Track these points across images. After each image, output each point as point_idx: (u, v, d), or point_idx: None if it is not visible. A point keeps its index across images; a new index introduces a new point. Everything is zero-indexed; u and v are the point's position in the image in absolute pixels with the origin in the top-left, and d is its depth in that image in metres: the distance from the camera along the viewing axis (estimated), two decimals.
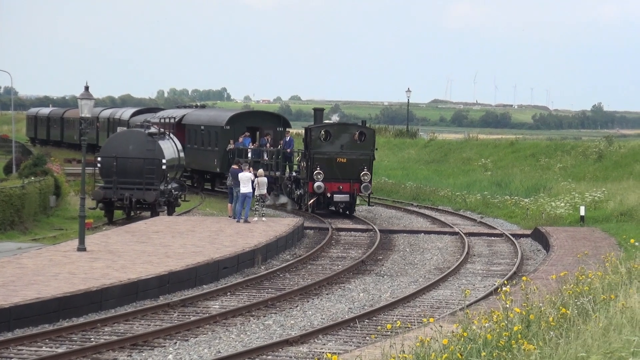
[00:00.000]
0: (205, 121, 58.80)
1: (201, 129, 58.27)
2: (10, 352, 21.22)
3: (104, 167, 45.97)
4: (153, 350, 21.85)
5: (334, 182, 47.62)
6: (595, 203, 48.92)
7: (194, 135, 59.14)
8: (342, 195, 47.75)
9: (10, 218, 44.11)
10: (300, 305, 27.75)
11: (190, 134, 59.47)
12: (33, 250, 34.53)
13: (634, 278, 17.15)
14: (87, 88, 33.42)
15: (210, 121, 58.15)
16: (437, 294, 30.07)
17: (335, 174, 47.65)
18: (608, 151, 66.08)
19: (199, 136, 58.47)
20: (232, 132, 55.09)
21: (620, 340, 11.24)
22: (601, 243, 37.25)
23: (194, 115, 61.66)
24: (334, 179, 47.62)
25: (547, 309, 15.66)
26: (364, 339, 23.13)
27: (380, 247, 39.13)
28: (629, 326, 12.03)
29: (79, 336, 22.95)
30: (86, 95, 33.38)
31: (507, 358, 12.45)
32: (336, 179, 47.62)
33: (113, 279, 27.43)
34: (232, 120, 56.37)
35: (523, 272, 33.04)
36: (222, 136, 55.30)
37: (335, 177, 47.63)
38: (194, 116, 61.32)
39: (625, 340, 11.12)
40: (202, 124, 58.61)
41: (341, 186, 47.61)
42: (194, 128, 59.33)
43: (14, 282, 26.52)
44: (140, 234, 37.75)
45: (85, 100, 33.39)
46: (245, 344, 22.64)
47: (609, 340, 11.29)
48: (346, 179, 47.64)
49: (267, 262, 35.09)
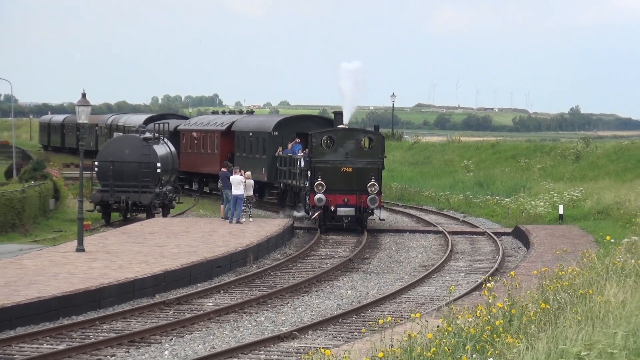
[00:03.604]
0: (253, 127, 53.59)
1: (249, 135, 53.08)
2: (12, 350, 21.19)
3: (101, 170, 45.98)
4: (150, 347, 21.82)
5: (338, 194, 40.96)
6: (573, 202, 48.99)
7: (242, 142, 54.06)
8: (347, 209, 41.16)
9: (12, 221, 44.07)
10: (290, 302, 27.74)
11: (239, 142, 54.53)
12: (33, 251, 34.49)
13: (611, 273, 17.17)
14: (84, 95, 33.40)
15: (258, 127, 52.83)
16: (422, 290, 30.07)
17: (340, 185, 41.16)
18: (585, 152, 66.20)
19: (247, 144, 53.25)
20: (280, 138, 49.75)
21: (601, 332, 11.25)
22: (579, 240, 37.30)
23: (243, 121, 56.54)
24: (338, 191, 41.00)
25: (528, 304, 15.68)
26: (352, 334, 23.14)
27: (367, 246, 39.12)
28: (607, 319, 12.05)
29: (79, 334, 22.92)
30: (83, 102, 33.37)
31: (490, 351, 12.45)
32: (341, 190, 41.04)
33: (111, 278, 27.40)
34: (280, 125, 50.82)
35: (504, 269, 33.08)
36: (270, 143, 49.87)
37: (339, 188, 41.08)
38: (242, 122, 56.17)
39: (605, 332, 11.14)
40: (251, 130, 53.39)
41: (346, 198, 41.02)
42: (243, 135, 54.10)
43: (15, 282, 26.47)
44: (137, 235, 37.71)
45: (83, 107, 33.39)
46: (239, 339, 22.63)
47: (589, 333, 11.31)
48: (352, 191, 41.09)
49: (259, 261, 35.08)
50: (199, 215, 49.37)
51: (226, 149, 55.03)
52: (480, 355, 11.79)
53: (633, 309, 12.23)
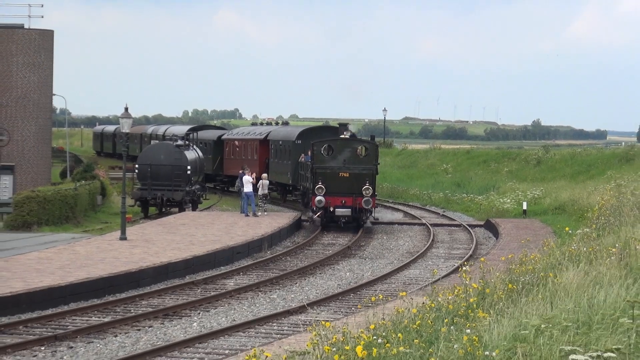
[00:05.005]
0: (282, 137, 52.28)
1: (279, 143, 51.98)
2: (66, 321, 21.22)
3: (141, 172, 46.12)
4: (181, 319, 21.84)
5: (337, 196, 39.59)
6: (534, 199, 48.95)
7: (275, 149, 52.78)
8: (344, 210, 39.72)
9: (66, 214, 44.09)
10: (299, 282, 27.75)
11: (273, 149, 53.19)
12: (84, 239, 34.51)
13: (567, 259, 17.16)
14: (127, 109, 33.47)
15: (286, 136, 51.65)
16: (408, 272, 30.07)
17: (338, 189, 39.73)
18: (545, 158, 66.14)
19: (278, 151, 52.08)
20: (302, 146, 47.61)
21: (557, 308, 11.25)
22: (540, 231, 37.28)
23: (276, 131, 54.92)
24: (336, 194, 39.63)
25: (497, 285, 15.68)
26: (350, 309, 23.14)
27: (363, 235, 39.09)
28: (563, 297, 12.05)
29: (121, 308, 22.94)
30: (126, 115, 33.50)
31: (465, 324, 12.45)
32: (339, 193, 39.64)
33: (148, 262, 27.43)
34: (302, 135, 49.23)
35: (477, 255, 33.06)
36: (294, 150, 48.48)
37: (338, 191, 39.69)
38: (276, 132, 54.67)
39: (560, 308, 11.14)
40: (280, 139, 52.19)
41: (344, 200, 39.60)
42: (275, 143, 52.73)
43: (69, 265, 26.52)
44: (170, 226, 37.71)
45: (125, 119, 33.54)
46: (255, 314, 22.64)
47: (547, 309, 11.31)
48: (349, 194, 39.60)
49: (272, 248, 35.08)
50: (222, 210, 49.34)
51: (264, 156, 54.55)
52: (457, 327, 11.79)
53: (584, 288, 12.24)
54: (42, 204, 42.43)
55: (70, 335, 19.51)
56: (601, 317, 10.02)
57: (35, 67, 54.17)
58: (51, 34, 55.69)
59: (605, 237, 20.25)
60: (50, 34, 55.62)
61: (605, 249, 16.53)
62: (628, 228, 20.18)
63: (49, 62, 55.31)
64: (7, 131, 51.42)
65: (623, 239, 17.82)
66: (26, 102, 53.82)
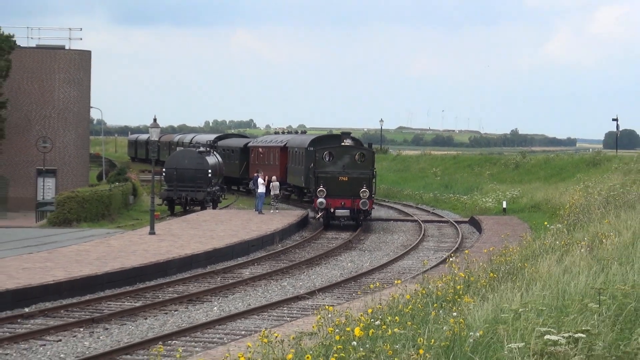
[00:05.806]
0: (297, 144, 51.51)
1: (295, 150, 51.17)
2: (102, 306, 21.25)
3: (167, 175, 46.25)
4: (203, 304, 21.86)
5: (337, 198, 38.66)
6: (513, 199, 48.91)
7: (292, 155, 51.90)
8: (343, 211, 38.80)
9: (101, 212, 44.21)
10: (306, 271, 27.75)
11: (291, 155, 52.32)
12: (117, 234, 34.57)
13: (542, 251, 17.14)
14: (155, 119, 33.59)
15: (300, 144, 50.76)
16: (403, 263, 30.06)
17: (338, 192, 38.78)
18: (522, 162, 66.04)
19: (295, 157, 51.25)
20: (313, 153, 46.02)
21: (533, 294, 11.25)
22: (518, 227, 37.24)
23: (294, 139, 54.04)
24: (336, 196, 38.69)
25: (480, 273, 15.67)
26: (351, 295, 23.14)
27: (362, 231, 39.09)
28: (538, 285, 12.04)
29: (151, 294, 22.97)
30: (155, 125, 33.65)
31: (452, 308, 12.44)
32: (339, 195, 38.71)
33: (174, 254, 27.45)
34: (313, 142, 48.38)
35: (463, 248, 33.03)
36: (306, 156, 47.31)
37: (337, 194, 38.75)
38: (293, 140, 53.78)
39: (536, 294, 11.14)
40: (296, 146, 51.39)
41: (343, 202, 38.68)
42: (293, 150, 51.93)
43: (104, 256, 26.55)
44: (193, 222, 37.74)
45: (154, 129, 33.71)
46: (268, 299, 22.65)
47: (524, 295, 11.30)
48: (348, 196, 38.67)
49: (283, 242, 35.09)
50: (239, 209, 49.37)
51: (284, 161, 54.05)
52: (445, 311, 11.79)
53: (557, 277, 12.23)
54: (81, 203, 42.54)
55: (106, 318, 19.55)
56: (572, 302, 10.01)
57: (75, 83, 54.30)
58: (89, 54, 55.84)
59: (575, 232, 20.23)
60: (88, 54, 55.76)
61: (576, 242, 16.50)
62: (595, 224, 20.16)
63: (87, 78, 55.47)
64: (51, 139, 51.56)
65: (591, 234, 17.80)
66: (67, 113, 53.95)
